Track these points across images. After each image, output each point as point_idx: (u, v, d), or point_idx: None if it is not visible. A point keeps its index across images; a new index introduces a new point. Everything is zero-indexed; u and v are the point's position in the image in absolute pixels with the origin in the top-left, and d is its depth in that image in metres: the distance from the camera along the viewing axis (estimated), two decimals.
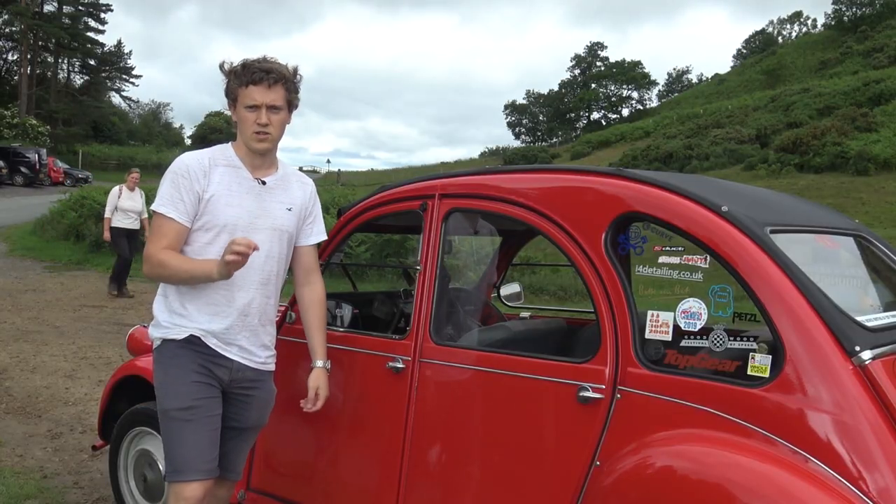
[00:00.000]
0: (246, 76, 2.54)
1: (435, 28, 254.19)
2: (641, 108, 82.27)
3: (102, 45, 58.10)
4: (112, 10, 56.78)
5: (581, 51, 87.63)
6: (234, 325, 2.60)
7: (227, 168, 2.62)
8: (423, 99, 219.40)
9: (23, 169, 34.03)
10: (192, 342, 2.58)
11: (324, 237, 2.87)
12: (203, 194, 2.55)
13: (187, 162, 2.59)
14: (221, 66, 2.62)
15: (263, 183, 2.65)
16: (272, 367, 2.77)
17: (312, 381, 2.74)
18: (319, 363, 2.77)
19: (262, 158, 2.66)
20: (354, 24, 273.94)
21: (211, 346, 2.58)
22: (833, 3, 59.76)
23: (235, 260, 2.34)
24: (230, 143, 2.69)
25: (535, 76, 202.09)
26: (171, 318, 2.62)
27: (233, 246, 2.33)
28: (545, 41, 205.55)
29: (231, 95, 2.60)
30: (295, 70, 2.64)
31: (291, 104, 2.64)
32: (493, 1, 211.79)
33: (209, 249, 2.55)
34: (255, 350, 2.67)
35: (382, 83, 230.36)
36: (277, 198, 2.68)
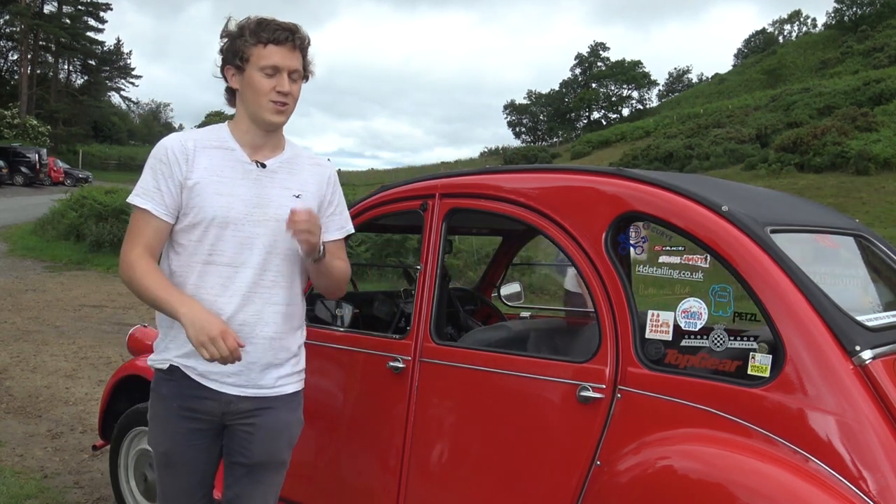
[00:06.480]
0: (266, 33, 2.12)
1: (453, 26, 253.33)
2: (641, 107, 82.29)
3: (102, 44, 58.16)
4: (111, 10, 56.75)
5: (585, 50, 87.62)
6: None
7: (218, 150, 2.20)
8: (432, 98, 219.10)
9: (23, 169, 34.06)
10: (174, 374, 2.21)
11: (349, 231, 2.42)
12: (186, 182, 2.14)
13: (167, 145, 2.18)
14: (226, 26, 2.20)
15: (263, 166, 2.23)
16: (290, 390, 2.29)
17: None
18: None
19: (265, 137, 2.24)
20: (369, 22, 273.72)
21: (193, 377, 2.19)
22: (834, 3, 59.78)
23: (204, 355, 2.00)
24: (226, 123, 2.28)
25: (550, 75, 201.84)
26: (160, 341, 2.28)
27: (212, 342, 1.97)
28: (564, 40, 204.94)
29: (238, 56, 2.15)
30: None
31: (305, 73, 2.26)
32: None
33: (199, 249, 2.16)
34: (257, 371, 2.22)
35: (391, 82, 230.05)
36: (282, 183, 2.24)
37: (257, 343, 2.20)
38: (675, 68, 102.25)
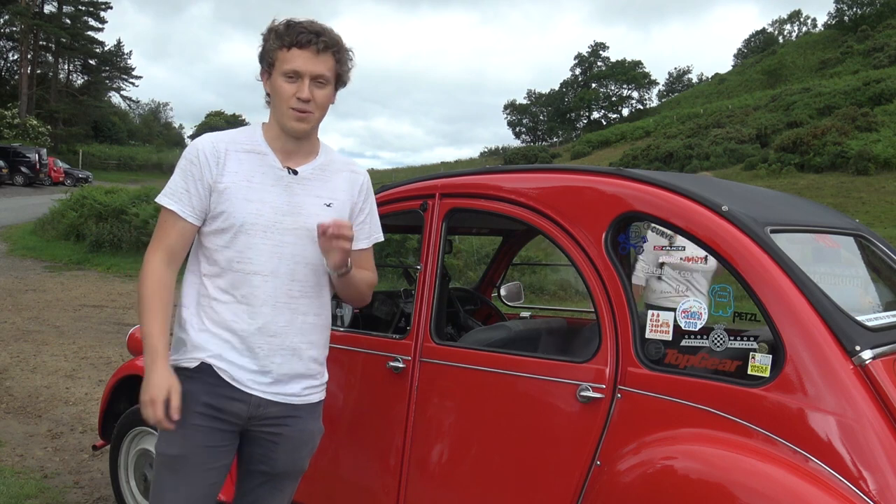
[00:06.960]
0: (290, 37, 2.06)
1: (453, 26, 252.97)
2: (641, 107, 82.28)
3: (102, 44, 58.14)
4: (111, 10, 56.71)
5: (585, 50, 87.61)
6: (255, 346, 2.13)
7: (249, 154, 2.15)
8: (433, 98, 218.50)
9: (23, 169, 34.03)
10: (203, 372, 2.13)
11: (377, 239, 2.39)
12: (216, 185, 2.11)
13: (199, 146, 2.14)
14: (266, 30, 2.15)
15: (295, 172, 2.18)
16: (314, 399, 2.27)
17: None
18: None
19: (297, 143, 2.19)
20: (370, 22, 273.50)
21: (224, 377, 2.13)
22: (834, 3, 59.78)
23: (145, 410, 2.04)
24: (260, 124, 2.23)
25: (550, 75, 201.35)
26: (186, 337, 2.19)
27: (146, 405, 2.03)
28: (564, 40, 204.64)
29: (267, 59, 2.12)
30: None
31: (340, 79, 2.17)
32: None
33: (228, 255, 2.13)
34: (286, 380, 2.18)
35: (392, 82, 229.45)
36: (313, 191, 2.19)
37: (286, 354, 2.17)
38: (675, 68, 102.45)
